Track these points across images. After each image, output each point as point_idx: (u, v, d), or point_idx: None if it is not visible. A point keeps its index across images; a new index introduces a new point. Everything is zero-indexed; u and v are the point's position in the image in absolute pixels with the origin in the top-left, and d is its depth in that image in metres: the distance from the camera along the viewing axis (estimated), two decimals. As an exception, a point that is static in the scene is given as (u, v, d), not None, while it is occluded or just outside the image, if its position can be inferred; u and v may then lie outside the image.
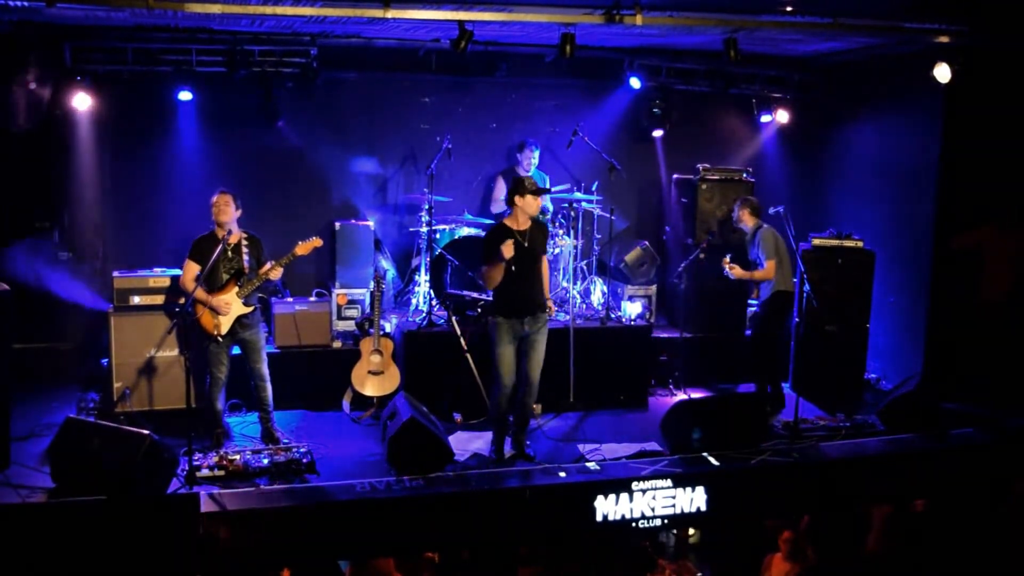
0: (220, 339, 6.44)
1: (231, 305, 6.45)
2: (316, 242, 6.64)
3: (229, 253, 6.51)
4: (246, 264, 6.52)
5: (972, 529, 6.37)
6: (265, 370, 6.67)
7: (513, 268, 6.20)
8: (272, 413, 6.74)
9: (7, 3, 6.27)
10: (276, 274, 6.51)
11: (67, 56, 7.38)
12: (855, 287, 8.10)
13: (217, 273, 6.46)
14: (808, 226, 8.43)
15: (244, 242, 6.55)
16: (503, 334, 6.29)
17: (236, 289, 6.47)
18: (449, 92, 8.98)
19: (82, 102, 7.50)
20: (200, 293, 6.34)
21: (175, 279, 7.05)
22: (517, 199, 6.28)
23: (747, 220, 7.80)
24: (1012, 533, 6.12)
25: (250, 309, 6.53)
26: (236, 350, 6.67)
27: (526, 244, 6.30)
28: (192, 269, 6.46)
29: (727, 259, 7.70)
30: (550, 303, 6.62)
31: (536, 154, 8.60)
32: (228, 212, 6.42)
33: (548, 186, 8.76)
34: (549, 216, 8.41)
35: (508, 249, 6.08)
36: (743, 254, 7.86)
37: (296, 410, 7.43)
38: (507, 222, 6.37)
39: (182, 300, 6.48)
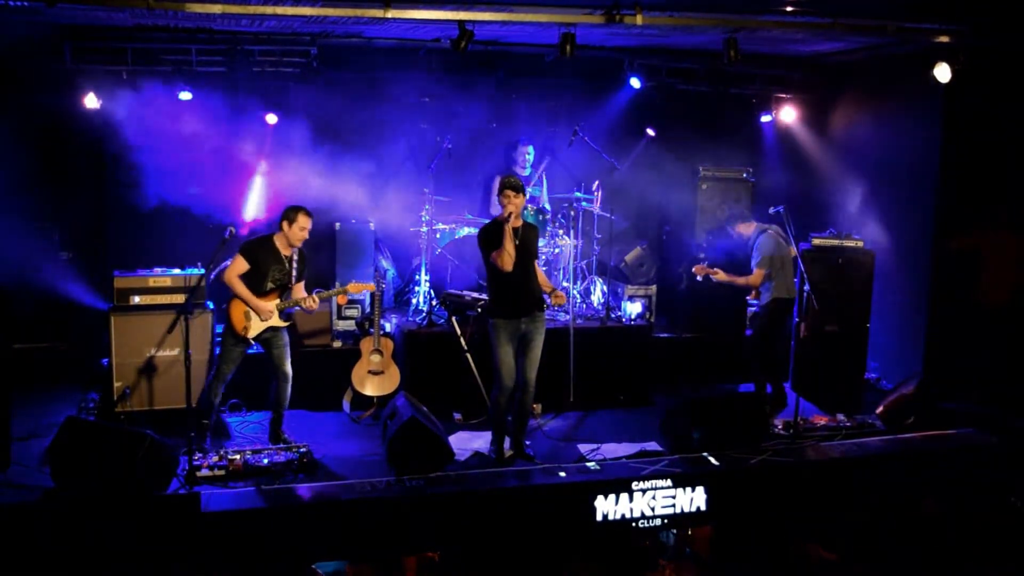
0: (244, 339, 6.41)
1: (273, 314, 6.44)
2: (370, 286, 6.95)
3: (285, 264, 6.48)
4: (294, 280, 6.52)
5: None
6: (289, 369, 6.61)
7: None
8: (284, 414, 6.70)
9: (7, 3, 6.27)
10: (313, 303, 6.51)
11: (67, 56, 7.38)
12: (855, 287, 8.09)
13: (264, 280, 6.42)
14: (808, 226, 8.42)
15: (296, 257, 6.52)
16: (501, 335, 6.28)
17: (277, 301, 6.46)
18: (449, 92, 8.97)
19: (81, 102, 7.49)
20: (244, 291, 6.31)
21: (175, 279, 7.07)
22: (499, 199, 6.29)
23: (745, 230, 7.75)
24: None
25: (285, 324, 6.55)
26: (252, 350, 6.64)
27: (518, 242, 6.29)
28: (241, 266, 6.38)
29: (701, 266, 7.69)
30: (557, 293, 6.55)
31: (530, 150, 8.59)
32: (304, 237, 6.43)
33: (544, 183, 8.74)
34: (548, 216, 8.41)
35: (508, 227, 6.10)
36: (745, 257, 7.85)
37: (296, 410, 7.40)
38: (500, 220, 6.34)
39: (183, 299, 6.46)
